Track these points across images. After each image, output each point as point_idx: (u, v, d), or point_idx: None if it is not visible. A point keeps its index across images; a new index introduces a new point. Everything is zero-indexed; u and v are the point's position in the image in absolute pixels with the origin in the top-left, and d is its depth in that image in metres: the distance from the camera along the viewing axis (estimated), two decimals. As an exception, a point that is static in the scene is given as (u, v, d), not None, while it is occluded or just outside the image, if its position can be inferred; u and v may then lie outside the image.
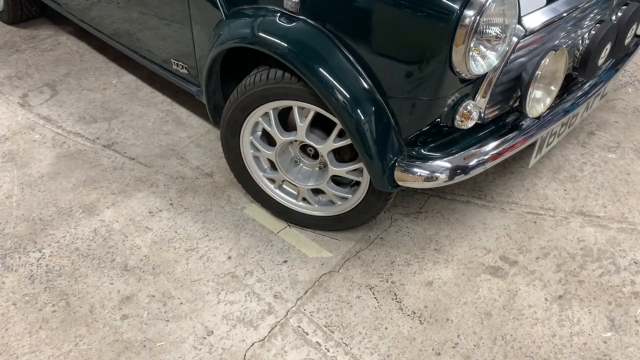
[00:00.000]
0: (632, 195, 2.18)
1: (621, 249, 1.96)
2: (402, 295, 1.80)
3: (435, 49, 1.43)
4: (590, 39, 1.80)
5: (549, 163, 2.33)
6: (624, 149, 2.41)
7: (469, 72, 1.47)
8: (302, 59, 1.56)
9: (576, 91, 1.93)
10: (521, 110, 1.68)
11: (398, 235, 2.01)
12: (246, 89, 1.76)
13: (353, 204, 1.85)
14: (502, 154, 1.69)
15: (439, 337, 1.68)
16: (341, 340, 1.66)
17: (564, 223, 2.06)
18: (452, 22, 1.37)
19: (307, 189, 1.91)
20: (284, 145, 1.86)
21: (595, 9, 1.81)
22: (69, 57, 3.03)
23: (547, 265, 1.90)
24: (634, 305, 1.77)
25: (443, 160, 1.62)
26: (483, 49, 1.48)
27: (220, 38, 1.76)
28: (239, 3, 1.75)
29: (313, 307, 1.75)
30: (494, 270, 1.88)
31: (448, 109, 1.59)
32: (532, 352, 1.64)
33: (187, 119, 2.57)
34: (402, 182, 1.62)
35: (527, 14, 1.57)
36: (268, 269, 1.88)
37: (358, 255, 1.94)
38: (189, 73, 2.18)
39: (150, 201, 2.12)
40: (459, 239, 2.00)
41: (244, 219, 2.06)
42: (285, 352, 1.62)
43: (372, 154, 1.58)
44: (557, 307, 1.77)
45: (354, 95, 1.54)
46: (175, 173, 2.27)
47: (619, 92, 2.78)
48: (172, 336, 1.66)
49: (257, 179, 2.00)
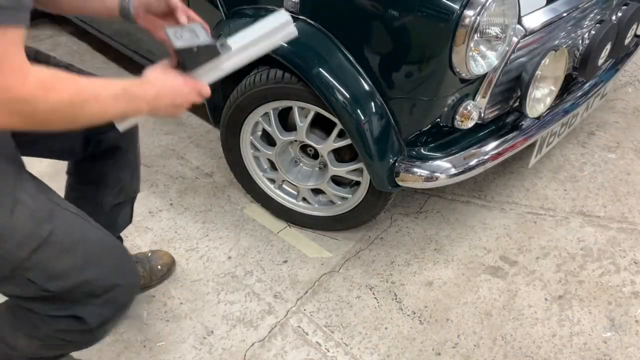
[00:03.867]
0: (632, 195, 2.18)
1: (621, 249, 1.96)
2: (402, 295, 1.80)
3: (435, 49, 1.43)
4: (590, 39, 1.80)
5: (549, 163, 2.33)
6: (624, 149, 2.41)
7: (469, 72, 1.47)
8: (302, 59, 1.56)
9: (576, 91, 1.94)
10: (521, 110, 1.68)
11: (398, 235, 2.01)
12: (246, 89, 1.76)
13: (353, 204, 1.85)
14: (502, 154, 1.69)
15: (439, 337, 1.68)
16: (341, 340, 1.66)
17: (564, 223, 2.06)
18: (452, 22, 1.37)
19: (307, 189, 1.91)
20: (284, 145, 1.86)
21: (595, 9, 1.81)
22: (69, 58, 3.03)
23: (547, 265, 1.90)
24: (634, 305, 1.77)
25: (443, 160, 1.62)
26: (483, 49, 1.48)
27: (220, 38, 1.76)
28: (239, 3, 1.75)
29: (313, 307, 1.75)
30: (494, 270, 1.88)
31: (448, 109, 1.59)
32: (532, 352, 1.64)
33: (187, 119, 2.57)
34: (402, 182, 1.62)
35: (527, 14, 1.57)
36: (268, 269, 1.88)
37: (358, 255, 1.93)
38: (189, 73, 2.18)
39: (150, 201, 2.12)
40: (459, 239, 2.00)
41: (244, 219, 2.06)
42: (285, 352, 1.62)
43: (372, 154, 1.58)
44: (557, 307, 1.77)
45: (354, 95, 1.54)
46: (175, 173, 2.27)
47: (619, 92, 2.78)
48: (172, 336, 1.66)
49: (257, 179, 2.00)
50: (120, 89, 0.94)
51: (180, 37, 1.03)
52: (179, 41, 1.02)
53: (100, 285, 1.11)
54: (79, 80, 0.89)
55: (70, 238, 1.06)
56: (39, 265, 1.02)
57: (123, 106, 0.95)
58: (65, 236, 1.06)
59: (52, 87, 0.85)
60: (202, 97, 1.07)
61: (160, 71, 1.02)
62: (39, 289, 1.04)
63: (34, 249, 1.00)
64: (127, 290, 1.18)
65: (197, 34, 1.06)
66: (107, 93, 0.92)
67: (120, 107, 0.95)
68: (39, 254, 1.01)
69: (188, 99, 1.04)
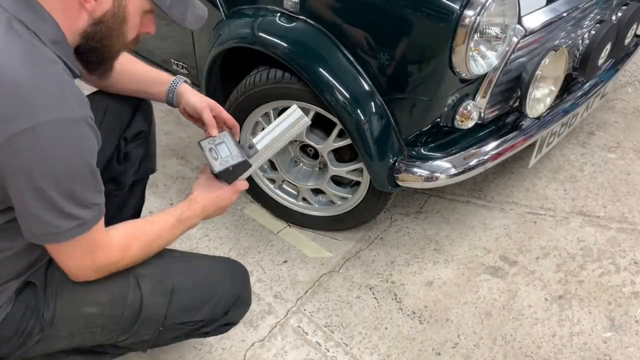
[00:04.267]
0: (632, 195, 2.18)
1: (621, 249, 1.96)
2: (402, 295, 1.80)
3: (435, 49, 1.43)
4: (590, 39, 1.80)
5: (549, 163, 2.33)
6: (624, 149, 2.41)
7: (469, 72, 1.47)
8: (302, 59, 1.56)
9: (576, 91, 1.93)
10: (521, 110, 1.68)
11: (398, 235, 2.01)
12: (246, 89, 1.76)
13: (353, 204, 1.85)
14: (502, 154, 1.69)
15: (439, 337, 1.68)
16: (341, 340, 1.66)
17: (564, 223, 2.06)
18: (452, 22, 1.37)
19: (307, 189, 1.91)
20: (284, 145, 1.86)
21: (595, 9, 1.81)
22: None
23: (547, 265, 1.90)
24: (634, 305, 1.77)
25: (443, 160, 1.62)
26: (483, 49, 1.48)
27: (220, 38, 1.76)
28: (239, 3, 1.75)
29: (313, 307, 1.75)
30: (494, 270, 1.88)
31: (448, 109, 1.59)
32: (532, 352, 1.64)
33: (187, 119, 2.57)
34: (402, 182, 1.62)
35: (527, 14, 1.57)
36: (268, 269, 1.88)
37: (358, 255, 1.93)
38: (189, 73, 2.18)
39: (150, 201, 2.12)
40: (459, 239, 2.00)
41: (244, 219, 2.06)
42: (285, 352, 1.62)
43: (372, 154, 1.58)
44: (557, 307, 1.77)
45: (354, 95, 1.54)
46: (175, 173, 2.26)
47: (619, 92, 2.78)
48: (172, 336, 1.66)
49: (257, 179, 2.00)
50: (175, 220, 1.17)
51: (215, 156, 1.23)
52: (216, 163, 1.22)
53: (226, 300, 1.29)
54: (144, 228, 1.13)
55: (189, 279, 1.24)
56: (177, 309, 1.21)
57: (180, 231, 1.19)
58: (184, 279, 1.23)
59: (128, 247, 1.09)
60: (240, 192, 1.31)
61: (203, 185, 1.24)
62: (191, 324, 1.24)
63: (169, 302, 1.19)
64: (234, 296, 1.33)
65: (229, 148, 1.25)
66: (166, 228, 1.15)
67: (179, 232, 1.19)
68: (174, 302, 1.19)
69: (231, 201, 1.27)
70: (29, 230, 0.97)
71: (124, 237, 1.08)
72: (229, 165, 1.21)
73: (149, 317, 1.17)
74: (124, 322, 1.16)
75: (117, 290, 1.14)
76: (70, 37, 0.98)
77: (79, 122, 0.91)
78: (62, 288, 1.12)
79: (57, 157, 0.89)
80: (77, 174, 0.93)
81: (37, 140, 0.87)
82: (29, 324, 1.10)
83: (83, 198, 0.96)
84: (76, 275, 1.06)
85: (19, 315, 1.09)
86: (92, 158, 0.96)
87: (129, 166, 1.49)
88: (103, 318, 1.14)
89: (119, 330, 1.17)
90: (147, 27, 1.10)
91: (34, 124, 0.86)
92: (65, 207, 0.93)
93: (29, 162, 0.88)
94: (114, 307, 1.14)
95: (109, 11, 0.98)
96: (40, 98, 0.87)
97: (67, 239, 0.97)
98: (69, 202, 0.94)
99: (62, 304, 1.11)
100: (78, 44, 1.01)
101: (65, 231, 0.96)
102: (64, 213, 0.94)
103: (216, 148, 1.25)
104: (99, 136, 0.98)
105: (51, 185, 0.90)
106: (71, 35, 0.98)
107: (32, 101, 0.87)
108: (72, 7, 0.95)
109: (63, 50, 0.96)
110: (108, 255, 1.05)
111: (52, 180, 0.90)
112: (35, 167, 0.88)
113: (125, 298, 1.15)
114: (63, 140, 0.89)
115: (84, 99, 0.95)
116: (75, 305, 1.12)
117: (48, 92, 0.89)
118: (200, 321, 1.24)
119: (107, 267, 1.07)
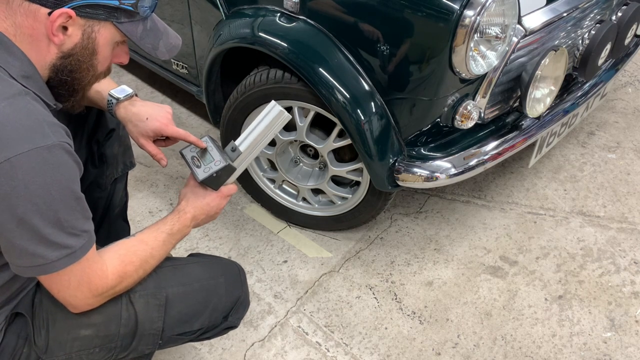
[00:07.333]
0: (632, 195, 2.18)
1: (621, 249, 1.96)
2: (402, 295, 1.80)
3: (435, 49, 1.43)
4: (590, 39, 1.80)
5: (549, 163, 2.33)
6: (624, 149, 2.41)
7: (469, 72, 1.47)
8: (302, 59, 1.56)
9: (576, 91, 1.93)
10: (521, 110, 1.68)
11: (398, 235, 2.01)
12: (246, 89, 1.76)
13: (353, 204, 1.85)
14: (502, 154, 1.69)
15: (439, 337, 1.68)
16: (341, 340, 1.66)
17: (564, 223, 2.06)
18: (452, 22, 1.37)
19: (307, 189, 1.91)
20: (284, 145, 1.86)
21: (595, 9, 1.81)
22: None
23: (547, 265, 1.90)
24: (634, 305, 1.78)
25: (443, 160, 1.62)
26: (483, 49, 1.48)
27: (220, 38, 1.76)
28: (239, 3, 1.75)
29: (313, 307, 1.75)
30: (494, 270, 1.88)
31: (448, 109, 1.59)
32: (532, 352, 1.64)
33: (187, 119, 2.57)
34: (402, 182, 1.62)
35: (527, 14, 1.57)
36: (268, 269, 1.88)
37: (358, 255, 1.93)
38: (189, 73, 2.18)
39: (150, 201, 2.12)
40: (459, 239, 2.00)
41: (244, 219, 2.06)
42: (285, 352, 1.62)
43: (372, 154, 1.58)
44: (557, 307, 1.77)
45: (354, 95, 1.54)
46: (175, 173, 2.27)
47: (619, 92, 2.78)
48: (172, 336, 1.66)
49: (257, 179, 2.00)
50: (166, 235, 1.15)
51: (198, 164, 1.22)
52: (199, 171, 1.20)
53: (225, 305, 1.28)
54: (137, 250, 1.10)
55: (182, 289, 1.22)
56: (173, 321, 1.19)
57: (172, 244, 1.17)
58: (177, 289, 1.21)
59: (124, 271, 1.07)
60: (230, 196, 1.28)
61: (190, 195, 1.22)
62: (191, 333, 1.23)
63: (164, 315, 1.17)
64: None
65: (211, 154, 1.23)
66: (158, 245, 1.14)
67: (171, 246, 1.17)
68: (169, 315, 1.18)
69: (220, 207, 1.25)
70: (18, 264, 0.95)
71: (118, 262, 1.07)
72: (212, 172, 1.19)
73: (146, 333, 1.16)
74: (121, 340, 1.14)
75: (110, 310, 1.12)
76: (41, 70, 0.98)
77: (53, 150, 0.90)
78: (54, 314, 1.10)
79: (36, 185, 0.88)
80: (59, 201, 0.92)
81: (14, 171, 0.86)
82: (24, 353, 1.09)
83: (69, 225, 0.94)
84: (75, 306, 1.05)
85: (11, 345, 1.08)
86: (73, 183, 0.95)
87: (106, 167, 1.48)
88: (99, 339, 1.12)
89: (118, 349, 1.15)
90: (120, 57, 1.09)
91: (9, 156, 0.86)
92: (51, 236, 0.92)
93: (8, 194, 0.87)
94: (109, 326, 1.12)
95: (78, 44, 0.97)
96: (12, 131, 0.87)
97: (57, 269, 0.95)
98: (55, 231, 0.92)
99: (55, 330, 1.10)
100: (48, 77, 1.00)
101: (54, 261, 0.94)
102: (51, 242, 0.92)
103: (198, 155, 1.24)
104: (79, 162, 0.97)
105: (34, 215, 0.89)
106: (41, 69, 0.98)
107: (3, 135, 0.86)
108: (41, 40, 0.94)
109: (35, 85, 0.96)
110: (105, 281, 1.04)
111: (35, 210, 0.89)
112: (15, 198, 0.87)
113: (119, 316, 1.13)
114: (41, 169, 0.89)
115: (58, 125, 0.94)
116: (69, 330, 1.11)
117: (19, 124, 0.88)
118: (199, 329, 1.23)
119: (106, 294, 1.06)
